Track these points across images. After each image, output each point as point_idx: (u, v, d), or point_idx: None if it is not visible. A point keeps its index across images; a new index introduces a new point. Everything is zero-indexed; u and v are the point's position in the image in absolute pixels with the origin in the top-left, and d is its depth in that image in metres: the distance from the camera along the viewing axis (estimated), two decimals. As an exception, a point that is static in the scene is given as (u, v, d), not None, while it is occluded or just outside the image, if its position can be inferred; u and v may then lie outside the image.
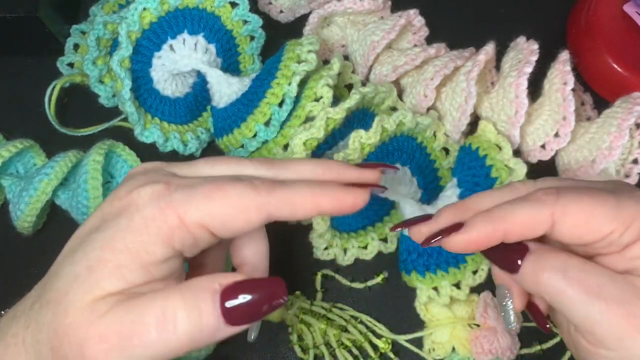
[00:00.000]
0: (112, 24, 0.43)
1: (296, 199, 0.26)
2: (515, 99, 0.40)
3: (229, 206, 0.25)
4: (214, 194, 0.25)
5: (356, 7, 0.46)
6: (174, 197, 0.25)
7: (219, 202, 0.25)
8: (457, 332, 0.41)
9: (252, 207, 0.25)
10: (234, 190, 0.25)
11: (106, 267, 0.24)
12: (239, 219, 0.25)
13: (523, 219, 0.27)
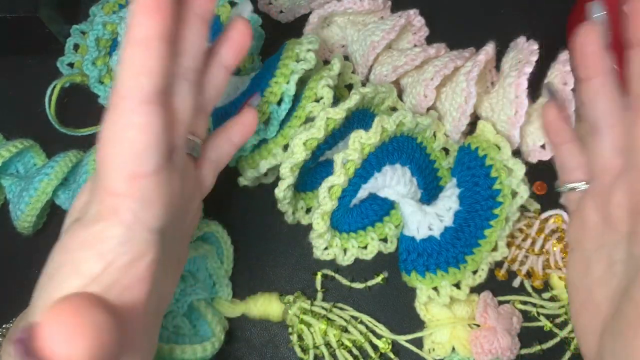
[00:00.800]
0: (111, 24, 0.43)
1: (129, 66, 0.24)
2: (515, 99, 0.40)
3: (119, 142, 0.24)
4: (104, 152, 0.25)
5: (356, 7, 0.46)
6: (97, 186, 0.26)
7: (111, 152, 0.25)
8: (457, 332, 0.41)
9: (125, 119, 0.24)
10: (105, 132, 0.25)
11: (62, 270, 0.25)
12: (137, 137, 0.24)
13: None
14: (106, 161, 0.24)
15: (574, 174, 0.34)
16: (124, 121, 0.24)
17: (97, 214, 0.24)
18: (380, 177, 0.41)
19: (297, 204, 0.44)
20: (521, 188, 0.40)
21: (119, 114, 0.24)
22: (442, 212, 0.41)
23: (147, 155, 0.24)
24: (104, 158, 0.24)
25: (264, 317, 0.42)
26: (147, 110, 0.24)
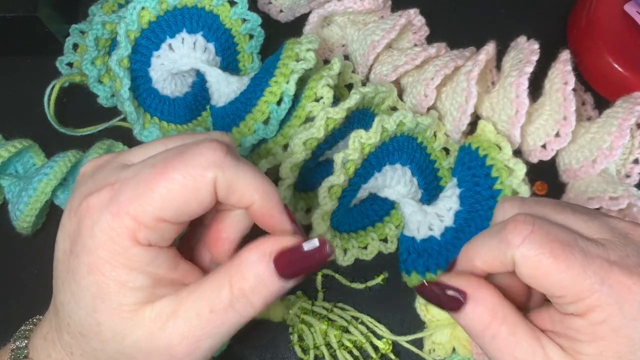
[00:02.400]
0: (110, 23, 0.43)
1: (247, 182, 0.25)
2: (515, 98, 0.40)
3: (179, 194, 0.24)
4: (159, 185, 0.24)
5: (356, 7, 0.46)
6: (120, 198, 0.24)
7: (167, 193, 0.24)
8: (457, 333, 0.41)
9: (201, 185, 0.24)
10: (178, 174, 0.24)
11: (111, 291, 0.24)
12: (192, 200, 0.24)
13: (490, 259, 0.26)
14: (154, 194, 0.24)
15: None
16: (196, 186, 0.24)
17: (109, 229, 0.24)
18: (380, 177, 0.41)
19: (297, 204, 0.44)
20: (522, 188, 0.40)
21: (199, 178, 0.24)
22: (442, 212, 0.41)
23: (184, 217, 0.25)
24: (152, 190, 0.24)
25: (264, 317, 0.42)
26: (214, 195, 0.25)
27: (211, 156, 0.24)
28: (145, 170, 0.24)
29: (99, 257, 0.24)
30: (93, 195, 0.25)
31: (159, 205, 0.24)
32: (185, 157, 0.24)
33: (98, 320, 0.25)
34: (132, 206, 0.24)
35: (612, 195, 0.40)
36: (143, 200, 0.24)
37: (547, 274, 0.25)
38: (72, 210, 0.25)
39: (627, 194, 0.39)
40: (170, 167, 0.24)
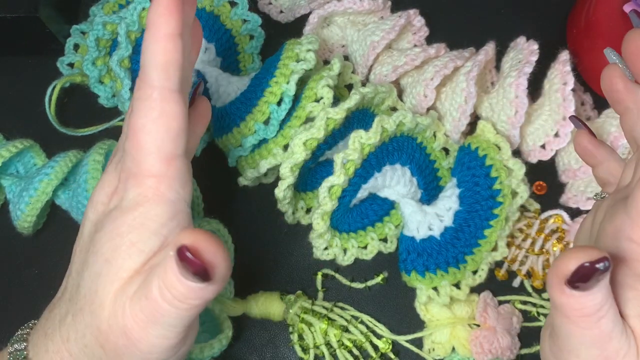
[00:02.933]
0: (111, 24, 0.43)
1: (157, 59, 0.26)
2: (515, 99, 0.40)
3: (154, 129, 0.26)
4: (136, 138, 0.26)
5: (356, 7, 0.46)
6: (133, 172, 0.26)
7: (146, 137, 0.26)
8: (457, 332, 0.41)
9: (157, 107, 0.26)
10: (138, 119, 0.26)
11: (121, 251, 0.26)
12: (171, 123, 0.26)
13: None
14: (142, 147, 0.26)
15: (612, 188, 0.34)
16: (157, 109, 0.26)
17: (138, 197, 0.26)
18: (380, 177, 0.41)
19: (297, 204, 0.44)
20: (521, 188, 0.40)
21: (151, 103, 0.26)
22: (442, 212, 0.41)
23: (180, 138, 0.26)
24: (139, 144, 0.26)
25: (264, 317, 0.42)
26: (177, 98, 0.26)
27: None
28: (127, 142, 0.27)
29: (121, 222, 0.26)
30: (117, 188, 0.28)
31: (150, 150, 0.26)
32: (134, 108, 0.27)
33: (97, 287, 0.26)
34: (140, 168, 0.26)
35: (611, 195, 0.40)
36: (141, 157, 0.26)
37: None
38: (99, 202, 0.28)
39: (626, 194, 0.40)
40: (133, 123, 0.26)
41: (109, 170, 0.29)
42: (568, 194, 0.44)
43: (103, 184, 0.29)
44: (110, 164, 0.30)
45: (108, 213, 0.27)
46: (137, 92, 0.26)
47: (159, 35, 0.25)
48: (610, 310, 0.25)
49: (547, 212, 0.43)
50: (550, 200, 0.44)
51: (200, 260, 0.23)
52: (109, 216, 0.27)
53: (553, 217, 0.43)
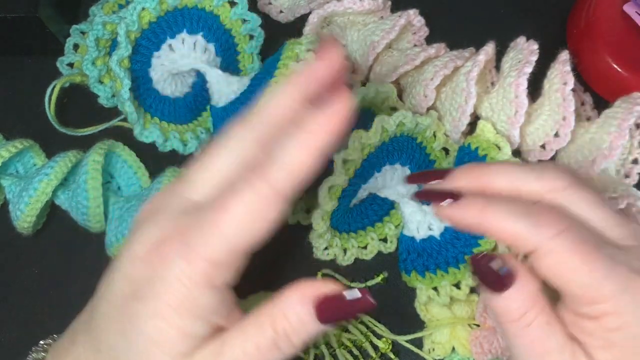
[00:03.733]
0: (111, 24, 0.43)
1: (296, 167, 0.24)
2: (515, 99, 0.40)
3: (246, 224, 0.25)
4: (223, 222, 0.24)
5: (356, 7, 0.46)
6: (192, 244, 0.24)
7: (233, 227, 0.24)
8: (457, 332, 0.41)
9: (263, 207, 0.25)
10: (238, 206, 0.24)
11: (170, 336, 0.25)
12: (262, 225, 0.25)
13: (514, 234, 0.26)
14: (222, 230, 0.24)
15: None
16: (261, 209, 0.24)
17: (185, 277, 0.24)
18: (380, 177, 0.41)
19: (297, 204, 0.44)
20: (521, 188, 0.40)
21: (259, 199, 0.24)
22: (442, 212, 0.41)
23: (256, 241, 0.25)
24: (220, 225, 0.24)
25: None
26: (282, 209, 0.25)
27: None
28: (207, 213, 0.25)
29: (166, 303, 0.24)
30: (164, 243, 0.25)
31: (230, 241, 0.24)
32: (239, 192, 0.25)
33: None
34: (204, 250, 0.24)
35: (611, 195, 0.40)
36: (213, 241, 0.24)
37: (571, 271, 0.25)
38: (137, 257, 0.25)
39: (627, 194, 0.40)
40: (231, 203, 0.24)
41: (157, 221, 0.26)
42: (568, 194, 0.44)
43: (145, 237, 0.26)
44: (159, 214, 0.26)
45: (149, 279, 0.25)
46: (251, 176, 0.24)
47: (313, 148, 0.24)
48: (539, 318, 0.25)
49: (547, 212, 0.43)
50: (550, 200, 0.44)
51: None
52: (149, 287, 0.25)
53: (553, 217, 0.43)
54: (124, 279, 0.26)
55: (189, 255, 0.24)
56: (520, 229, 0.26)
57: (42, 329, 0.43)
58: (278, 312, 0.25)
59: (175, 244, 0.25)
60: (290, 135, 0.24)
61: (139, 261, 0.25)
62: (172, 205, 0.26)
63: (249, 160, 0.26)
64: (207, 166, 0.27)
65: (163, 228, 0.26)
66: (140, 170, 0.46)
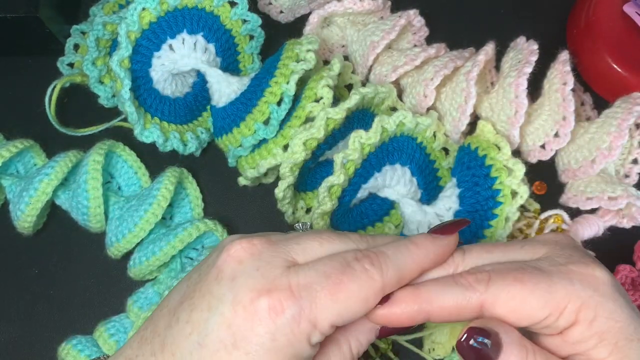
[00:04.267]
0: (111, 24, 0.43)
1: (405, 274, 0.27)
2: (515, 99, 0.40)
3: (353, 303, 0.26)
4: (337, 293, 0.26)
5: (356, 7, 0.46)
6: (302, 305, 0.25)
7: (344, 302, 0.26)
8: (457, 332, 0.41)
9: (371, 295, 0.26)
10: (353, 284, 0.26)
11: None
12: (362, 309, 0.26)
13: (450, 304, 0.27)
14: (333, 304, 0.26)
15: None
16: (368, 295, 0.26)
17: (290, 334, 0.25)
18: (380, 177, 0.41)
19: (297, 204, 0.44)
20: (521, 188, 0.40)
21: (371, 288, 0.26)
22: (442, 212, 0.41)
23: (352, 320, 0.27)
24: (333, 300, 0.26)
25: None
26: (379, 299, 0.27)
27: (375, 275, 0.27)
28: (321, 280, 0.26)
29: (269, 356, 0.25)
30: (274, 298, 0.25)
31: (337, 314, 0.26)
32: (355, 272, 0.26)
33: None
34: (313, 314, 0.25)
35: (611, 195, 0.40)
36: (324, 310, 0.25)
37: (523, 300, 0.26)
38: (241, 304, 0.25)
39: (626, 193, 0.40)
40: (346, 279, 0.26)
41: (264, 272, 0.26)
42: (568, 194, 0.44)
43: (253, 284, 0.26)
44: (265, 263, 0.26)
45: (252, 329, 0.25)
46: (367, 264, 0.26)
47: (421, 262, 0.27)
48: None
49: (547, 212, 0.43)
50: (550, 200, 0.44)
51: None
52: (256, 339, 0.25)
53: (553, 217, 0.43)
54: (224, 323, 0.25)
55: (299, 316, 0.25)
56: (454, 298, 0.27)
57: (42, 329, 0.43)
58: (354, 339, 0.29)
59: (287, 301, 0.25)
60: (406, 246, 0.28)
61: (242, 309, 0.25)
62: (278, 258, 0.27)
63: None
64: (320, 242, 0.28)
65: (272, 280, 0.26)
66: (140, 170, 0.46)
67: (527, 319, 0.26)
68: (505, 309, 0.26)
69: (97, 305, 0.44)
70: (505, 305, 0.26)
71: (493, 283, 0.26)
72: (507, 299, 0.26)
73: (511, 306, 0.26)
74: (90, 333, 0.41)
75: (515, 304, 0.26)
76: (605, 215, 0.42)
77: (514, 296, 0.26)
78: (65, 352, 0.40)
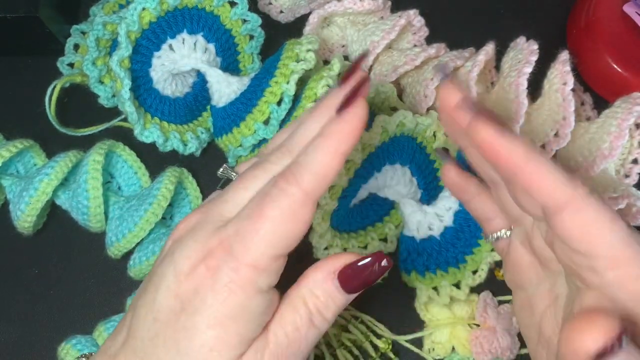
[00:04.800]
0: (111, 24, 0.43)
1: (323, 170, 0.26)
2: (515, 99, 0.40)
3: (282, 226, 0.26)
4: (262, 227, 0.26)
5: (356, 7, 0.46)
6: (235, 253, 0.26)
7: (272, 231, 0.26)
8: (457, 332, 0.41)
9: (297, 210, 0.26)
10: (273, 210, 0.26)
11: (227, 342, 0.26)
12: (297, 227, 0.26)
13: (553, 183, 0.24)
14: (260, 237, 0.26)
15: (494, 224, 0.33)
16: (294, 211, 0.26)
17: (231, 284, 0.26)
18: (380, 177, 0.41)
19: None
20: (521, 188, 0.40)
21: (292, 203, 0.26)
22: (442, 212, 0.41)
23: (295, 243, 0.27)
24: (258, 233, 0.26)
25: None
26: (313, 209, 0.26)
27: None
28: (244, 222, 0.26)
29: (221, 312, 0.25)
30: (209, 256, 0.26)
31: (270, 244, 0.26)
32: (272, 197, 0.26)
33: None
34: (247, 256, 0.26)
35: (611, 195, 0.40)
36: (255, 247, 0.26)
37: (600, 230, 0.24)
38: (182, 272, 0.26)
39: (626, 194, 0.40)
40: (265, 209, 0.26)
41: (197, 238, 0.27)
42: (568, 194, 0.44)
43: (188, 252, 0.27)
44: (198, 231, 0.27)
45: (198, 292, 0.26)
46: (282, 183, 0.26)
47: (335, 151, 0.26)
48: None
49: (547, 212, 0.43)
50: (550, 200, 0.44)
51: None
52: (199, 298, 0.26)
53: (553, 217, 0.43)
54: (171, 295, 0.26)
55: (234, 264, 0.26)
56: (561, 179, 0.24)
57: (42, 329, 0.43)
58: (307, 291, 0.27)
59: (220, 255, 0.26)
60: (315, 143, 0.26)
61: (184, 276, 0.26)
62: (209, 222, 0.27)
63: None
64: (245, 186, 0.28)
65: (204, 243, 0.27)
66: (140, 170, 0.46)
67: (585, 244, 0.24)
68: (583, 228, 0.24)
69: (97, 305, 0.44)
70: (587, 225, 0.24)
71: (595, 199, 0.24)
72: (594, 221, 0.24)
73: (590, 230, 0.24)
74: (90, 333, 0.41)
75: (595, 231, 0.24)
76: (606, 215, 0.42)
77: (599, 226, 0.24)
78: (64, 352, 0.40)
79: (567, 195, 0.24)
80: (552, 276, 0.30)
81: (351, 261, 0.28)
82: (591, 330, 0.21)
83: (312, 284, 0.28)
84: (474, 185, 0.33)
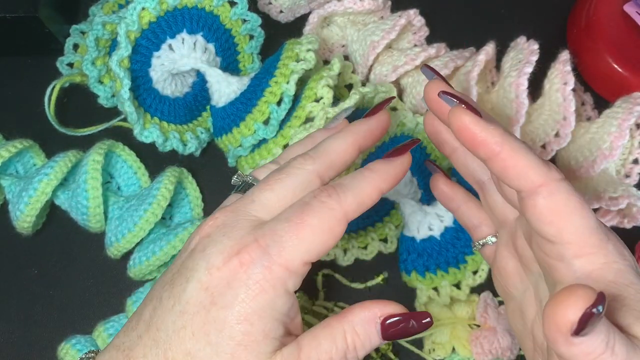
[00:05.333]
0: (111, 24, 0.43)
1: (364, 198, 0.29)
2: (515, 98, 0.40)
3: (319, 236, 0.27)
4: (301, 233, 0.27)
5: (356, 7, 0.46)
6: (270, 252, 0.27)
7: (309, 238, 0.27)
8: (457, 333, 0.41)
9: (334, 224, 0.28)
10: (314, 219, 0.27)
11: (256, 339, 0.26)
12: (330, 240, 0.28)
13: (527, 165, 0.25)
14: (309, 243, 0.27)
15: (480, 231, 0.34)
16: (331, 225, 0.28)
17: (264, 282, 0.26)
18: (380, 177, 0.41)
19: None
20: (521, 188, 0.40)
21: (333, 218, 0.28)
22: (442, 212, 0.41)
23: (322, 253, 0.28)
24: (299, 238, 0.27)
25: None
26: (344, 229, 0.28)
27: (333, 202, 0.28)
28: (284, 225, 0.27)
29: (250, 307, 0.26)
30: (242, 253, 0.27)
31: (305, 250, 0.27)
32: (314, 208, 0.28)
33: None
34: (281, 257, 0.26)
35: (611, 195, 0.40)
36: (291, 250, 0.27)
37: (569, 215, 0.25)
38: (214, 267, 0.27)
39: (627, 194, 0.40)
40: (307, 217, 0.27)
41: (230, 235, 0.28)
42: (568, 194, 0.43)
43: (222, 247, 0.27)
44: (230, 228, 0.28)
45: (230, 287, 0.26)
46: (324, 197, 0.28)
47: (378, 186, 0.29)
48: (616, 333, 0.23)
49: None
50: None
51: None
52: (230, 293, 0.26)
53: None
54: (201, 288, 0.27)
55: (268, 262, 0.26)
56: (535, 162, 0.25)
57: (42, 329, 0.43)
58: (349, 327, 0.28)
59: (255, 252, 0.27)
60: (364, 174, 0.29)
61: (216, 270, 0.27)
62: (241, 220, 0.28)
63: (308, 188, 0.29)
64: (271, 188, 0.29)
65: (238, 240, 0.27)
66: (140, 170, 0.46)
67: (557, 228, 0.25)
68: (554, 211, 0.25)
69: (97, 305, 0.44)
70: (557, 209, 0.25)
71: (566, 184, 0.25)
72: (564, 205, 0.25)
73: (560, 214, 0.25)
74: (90, 333, 0.41)
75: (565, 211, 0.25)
76: (606, 216, 0.42)
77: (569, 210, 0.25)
78: (64, 352, 0.40)
79: (540, 178, 0.25)
80: (535, 279, 0.30)
81: (398, 312, 0.28)
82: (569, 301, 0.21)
83: (357, 321, 0.28)
84: (461, 194, 0.35)
